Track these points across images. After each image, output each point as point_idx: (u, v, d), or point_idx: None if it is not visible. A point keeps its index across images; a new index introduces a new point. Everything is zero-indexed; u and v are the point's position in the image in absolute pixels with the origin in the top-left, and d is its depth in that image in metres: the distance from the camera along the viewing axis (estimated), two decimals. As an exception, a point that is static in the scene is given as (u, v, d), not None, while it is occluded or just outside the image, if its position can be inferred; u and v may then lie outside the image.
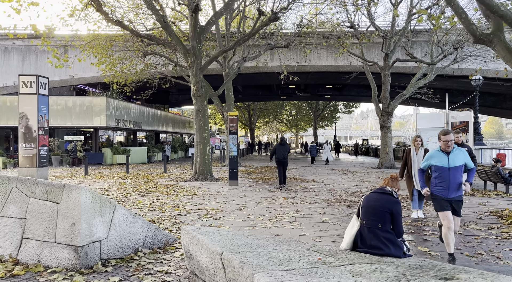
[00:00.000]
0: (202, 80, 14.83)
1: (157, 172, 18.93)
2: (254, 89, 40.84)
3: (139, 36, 15.51)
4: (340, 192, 11.38)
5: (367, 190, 11.86)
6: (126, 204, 9.05)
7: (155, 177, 16.00)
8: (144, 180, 14.72)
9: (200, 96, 14.85)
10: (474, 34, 7.66)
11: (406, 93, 20.97)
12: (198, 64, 14.43)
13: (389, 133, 21.59)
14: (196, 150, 14.90)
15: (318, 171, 19.20)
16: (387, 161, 21.28)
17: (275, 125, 72.39)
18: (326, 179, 15.42)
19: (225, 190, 11.73)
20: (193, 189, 11.91)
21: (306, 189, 12.10)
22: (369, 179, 15.28)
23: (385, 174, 17.94)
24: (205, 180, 14.52)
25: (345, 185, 13.28)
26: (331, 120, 56.88)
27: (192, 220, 7.25)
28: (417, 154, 7.41)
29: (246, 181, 14.42)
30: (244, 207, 8.70)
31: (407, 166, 7.59)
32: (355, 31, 22.28)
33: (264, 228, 6.63)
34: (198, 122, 14.91)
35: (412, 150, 7.52)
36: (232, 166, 12.92)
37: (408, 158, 7.56)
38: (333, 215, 7.76)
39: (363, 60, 22.14)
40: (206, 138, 14.87)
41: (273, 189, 11.94)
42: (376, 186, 12.94)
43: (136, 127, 27.89)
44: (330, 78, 32.91)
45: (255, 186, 12.78)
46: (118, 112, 24.84)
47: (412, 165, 7.44)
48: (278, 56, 27.93)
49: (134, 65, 22.05)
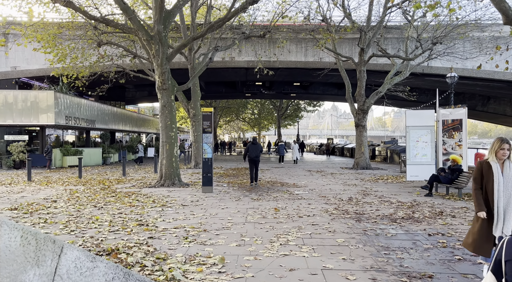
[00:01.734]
0: (168, 72, 12.94)
1: (115, 175, 16.73)
2: (217, 86, 38.96)
3: (93, 19, 13.34)
4: (333, 199, 9.99)
5: (361, 195, 10.57)
6: (79, 222, 7.10)
7: (113, 182, 13.89)
8: (100, 186, 12.60)
9: (166, 90, 12.94)
10: (506, 14, 6.48)
11: (382, 90, 20.11)
12: (164, 53, 12.51)
13: (365, 132, 20.65)
14: (162, 151, 12.99)
15: (294, 173, 17.82)
16: (362, 161, 20.32)
17: (236, 124, 70.75)
18: (308, 182, 14.03)
19: (199, 199, 9.98)
20: (161, 198, 10.05)
21: (293, 195, 10.60)
22: (352, 182, 14.07)
23: (364, 175, 16.89)
24: (172, 185, 12.66)
25: (333, 189, 11.93)
26: (294, 119, 56.11)
27: (170, 246, 5.50)
28: (504, 171, 4.11)
29: (220, 186, 12.71)
30: (232, 223, 7.03)
31: (487, 192, 4.17)
32: (328, 25, 21.17)
33: (270, 257, 5.02)
34: (164, 119, 12.99)
35: (494, 167, 4.12)
36: (207, 170, 11.18)
37: (488, 179, 4.15)
38: (345, 233, 6.29)
39: (337, 55, 21.05)
40: (173, 138, 13.00)
41: (255, 196, 10.34)
42: (365, 190, 11.72)
43: (90, 125, 25.24)
44: (299, 75, 31.76)
45: (233, 193, 11.12)
46: (69, 109, 22.18)
47: (495, 191, 4.08)
48: (246, 51, 26.37)
49: (87, 56, 19.65)
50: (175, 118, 13.18)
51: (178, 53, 13.32)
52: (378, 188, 12.21)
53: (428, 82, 30.54)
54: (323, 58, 26.11)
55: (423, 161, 12.97)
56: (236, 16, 12.93)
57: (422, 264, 4.73)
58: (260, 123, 61.61)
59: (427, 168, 12.79)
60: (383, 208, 8.58)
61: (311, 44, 24.88)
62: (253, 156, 12.80)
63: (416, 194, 10.94)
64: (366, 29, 19.39)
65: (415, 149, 12.78)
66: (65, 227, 6.73)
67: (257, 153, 12.86)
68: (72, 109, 22.49)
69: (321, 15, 20.17)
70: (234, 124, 69.84)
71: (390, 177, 15.73)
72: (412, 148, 12.79)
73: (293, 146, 26.51)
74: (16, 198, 10.24)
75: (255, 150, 12.91)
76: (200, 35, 12.73)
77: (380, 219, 7.34)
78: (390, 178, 15.52)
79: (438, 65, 25.98)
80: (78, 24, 18.54)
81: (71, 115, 22.33)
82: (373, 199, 9.91)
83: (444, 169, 10.83)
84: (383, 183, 13.70)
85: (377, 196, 10.47)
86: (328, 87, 39.51)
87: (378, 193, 11.07)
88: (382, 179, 15.15)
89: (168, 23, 13.00)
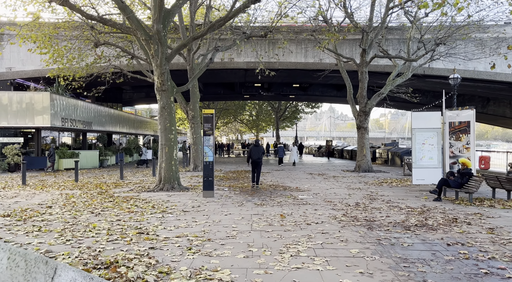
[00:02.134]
0: (168, 72, 12.56)
1: (112, 179, 16.32)
2: (216, 88, 38.59)
3: (90, 18, 12.95)
4: (340, 204, 9.64)
5: (368, 200, 10.23)
6: (75, 230, 6.71)
7: (111, 186, 13.49)
8: (97, 191, 12.20)
9: (165, 91, 12.57)
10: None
11: (384, 92, 19.83)
12: (163, 53, 12.14)
13: (366, 134, 20.35)
14: (161, 154, 12.60)
15: (295, 176, 17.47)
16: (364, 164, 20.00)
17: (234, 126, 70.34)
18: (311, 186, 13.68)
19: (201, 204, 9.61)
20: (160, 203, 9.67)
21: (297, 200, 10.25)
22: (356, 185, 13.74)
23: (367, 178, 16.56)
24: (172, 189, 12.28)
25: (337, 194, 11.59)
26: (293, 121, 55.77)
27: (173, 258, 5.12)
28: None
29: (221, 190, 12.33)
30: (237, 231, 6.66)
31: None
32: (329, 26, 20.89)
33: (281, 270, 4.65)
34: (163, 121, 12.61)
35: None
36: (208, 173, 10.81)
37: None
38: (359, 242, 5.93)
39: (338, 56, 20.74)
40: (172, 140, 12.62)
41: (259, 201, 9.98)
42: (370, 194, 11.38)
43: (86, 127, 24.79)
44: (298, 77, 31.44)
45: (235, 197, 10.75)
46: (65, 111, 21.75)
47: None
48: (245, 52, 26.04)
49: (84, 57, 19.26)
50: (174, 120, 12.80)
51: (177, 53, 12.96)
52: (384, 192, 11.88)
53: (429, 84, 30.29)
54: (323, 60, 25.81)
55: (429, 164, 12.64)
56: (237, 15, 12.58)
57: (447, 279, 4.38)
58: (258, 125, 61.25)
59: (433, 172, 12.47)
60: (393, 214, 8.23)
61: (311, 45, 24.57)
62: (256, 157, 13.19)
63: (424, 198, 10.60)
64: (368, 29, 19.08)
65: (421, 151, 12.45)
66: (61, 235, 6.34)
67: (259, 155, 13.27)
68: (69, 111, 22.06)
69: (322, 16, 19.88)
70: (232, 126, 69.42)
71: (394, 180, 15.41)
72: (418, 150, 12.46)
73: (292, 148, 26.60)
74: (10, 203, 9.83)
75: (258, 152, 13.32)
76: (201, 35, 12.37)
77: (393, 227, 6.99)
78: (394, 181, 15.20)
79: (440, 66, 25.72)
80: (75, 24, 18.16)
81: (67, 117, 21.89)
82: (381, 204, 9.57)
83: (453, 173, 10.51)
84: (387, 187, 13.37)
85: (384, 201, 10.13)
86: (328, 89, 39.23)
87: (385, 198, 10.73)
88: (386, 182, 14.82)
89: (167, 23, 12.64)
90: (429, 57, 19.53)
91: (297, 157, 26.65)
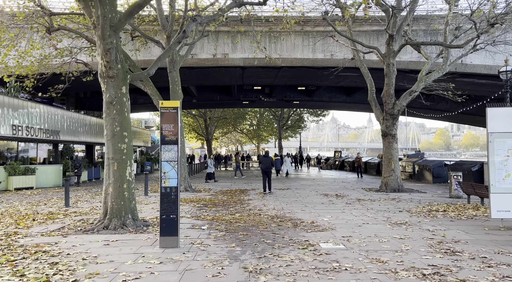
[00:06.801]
0: (116, 49, 8.30)
1: (55, 205, 11.91)
2: (211, 93, 34.38)
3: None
4: (404, 271, 5.25)
5: (447, 260, 5.86)
6: None
7: (35, 221, 9.10)
8: (2, 231, 7.86)
9: (113, 78, 8.29)
10: None
11: (417, 89, 15.58)
12: (106, 17, 7.92)
13: (395, 143, 15.98)
14: (107, 173, 8.28)
15: (305, 198, 13.04)
16: (393, 181, 15.55)
17: (234, 136, 66.04)
18: (332, 218, 9.29)
19: (148, 267, 5.27)
20: (75, 265, 5.33)
21: (320, 256, 5.87)
22: (398, 217, 9.38)
23: (403, 202, 12.20)
24: (121, 227, 7.94)
25: (379, 236, 7.22)
26: (296, 130, 51.47)
27: None
28: None
29: (195, 229, 7.98)
30: None
31: None
32: (343, 11, 16.82)
33: None
34: (110, 123, 8.30)
35: None
36: (168, 208, 6.47)
37: None
38: None
39: (355, 46, 16.56)
40: (125, 153, 8.30)
41: (252, 260, 5.61)
42: (433, 238, 7.04)
43: (52, 137, 20.49)
44: (304, 77, 27.19)
45: (214, 249, 6.39)
46: (19, 117, 17.53)
47: None
48: (242, 46, 21.90)
49: (35, 47, 15.19)
50: (128, 122, 8.49)
51: (130, 18, 8.73)
52: (452, 234, 7.51)
53: (457, 85, 25.99)
54: (335, 54, 21.63)
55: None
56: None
57: None
58: (259, 135, 56.99)
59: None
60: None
61: (321, 36, 20.41)
62: (264, 167, 14.55)
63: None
64: (397, 8, 14.86)
65: (504, 168, 8.06)
66: None
67: (268, 165, 14.55)
68: (23, 116, 17.83)
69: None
70: (231, 136, 65.13)
71: (444, 206, 11.04)
72: (499, 165, 8.05)
73: (286, 159, 26.44)
74: None
75: (267, 162, 14.62)
76: None
77: None
78: (446, 207, 10.84)
79: (476, 62, 21.51)
80: (17, 5, 14.18)
81: (21, 125, 17.66)
82: (476, 272, 5.20)
83: None
84: (446, 220, 9.00)
85: (475, 259, 5.76)
86: (336, 93, 34.95)
87: (467, 249, 6.36)
88: (437, 210, 10.43)
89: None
90: (472, 45, 15.33)
91: (290, 168, 26.98)
